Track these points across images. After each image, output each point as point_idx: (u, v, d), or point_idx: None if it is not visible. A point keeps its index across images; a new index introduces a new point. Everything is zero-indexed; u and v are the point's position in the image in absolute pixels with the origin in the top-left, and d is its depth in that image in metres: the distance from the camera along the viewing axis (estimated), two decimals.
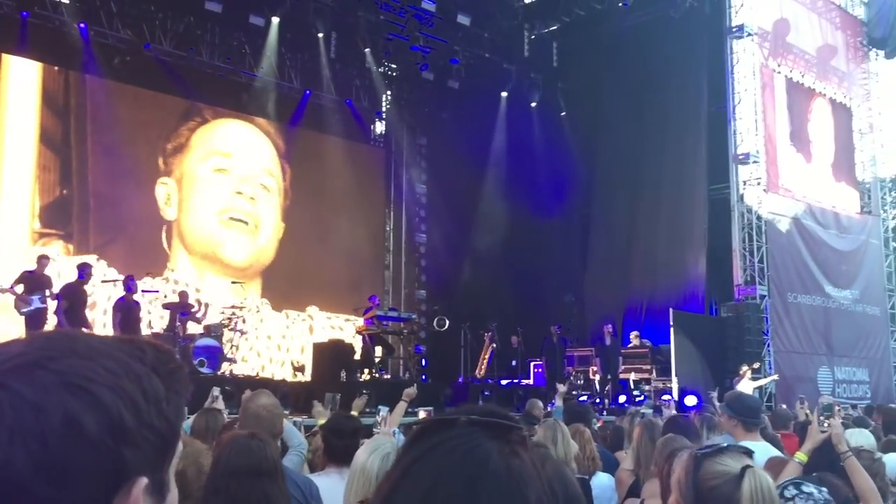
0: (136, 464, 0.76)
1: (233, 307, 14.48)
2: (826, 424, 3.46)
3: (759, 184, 16.60)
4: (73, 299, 11.37)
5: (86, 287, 11.75)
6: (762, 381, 14.64)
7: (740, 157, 16.53)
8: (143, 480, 0.77)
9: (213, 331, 13.55)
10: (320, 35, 16.14)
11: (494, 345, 16.54)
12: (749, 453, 1.93)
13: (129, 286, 12.04)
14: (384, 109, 20.30)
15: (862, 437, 4.56)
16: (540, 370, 16.03)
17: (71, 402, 0.73)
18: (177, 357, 0.88)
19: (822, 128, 19.12)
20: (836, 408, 3.90)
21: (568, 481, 2.15)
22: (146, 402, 0.77)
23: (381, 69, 18.81)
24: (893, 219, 20.56)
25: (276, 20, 15.82)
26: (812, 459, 3.99)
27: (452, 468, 0.90)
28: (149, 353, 0.82)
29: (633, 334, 16.02)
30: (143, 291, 14.00)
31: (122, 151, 15.42)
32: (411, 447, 0.95)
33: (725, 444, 1.96)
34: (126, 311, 11.84)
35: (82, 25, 14.82)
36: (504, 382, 16.08)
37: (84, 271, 11.63)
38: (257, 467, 2.65)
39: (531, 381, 16.34)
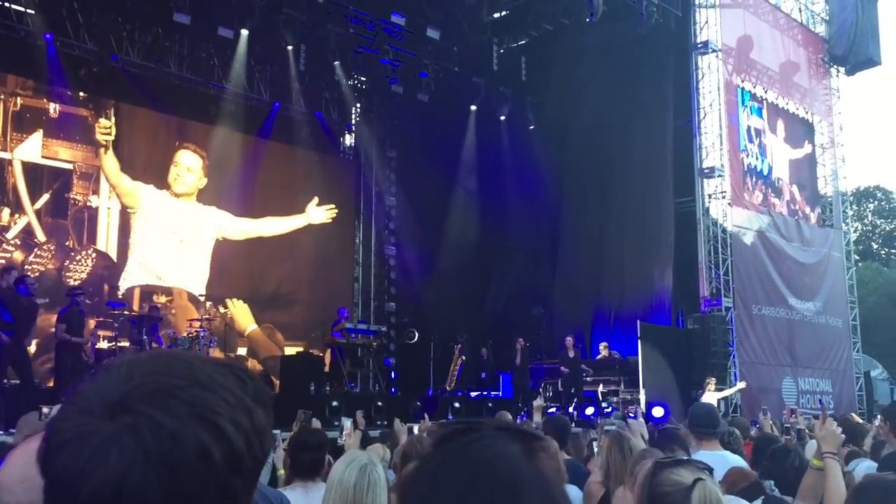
0: (240, 489, 0.81)
1: (199, 320, 14.36)
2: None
3: (723, 197, 16.88)
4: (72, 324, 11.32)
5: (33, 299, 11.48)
6: (727, 392, 14.82)
7: (705, 170, 16.80)
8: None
9: (180, 344, 13.45)
10: (290, 48, 16.12)
11: (464, 357, 16.58)
12: (709, 469, 2.03)
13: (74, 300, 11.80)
14: (353, 122, 20.33)
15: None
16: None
17: (203, 435, 0.78)
18: (267, 387, 0.92)
19: (784, 142, 19.48)
20: (799, 417, 3.97)
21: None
22: (256, 435, 0.83)
23: (350, 82, 18.84)
24: (855, 231, 21.00)
25: (245, 32, 15.78)
26: (765, 466, 4.08)
27: (489, 468, 0.92)
28: (250, 385, 0.87)
29: (602, 345, 16.17)
30: (108, 304, 13.91)
31: None
32: (439, 449, 0.97)
33: (686, 458, 2.05)
34: (70, 321, 11.63)
35: (48, 36, 14.66)
36: (473, 395, 16.12)
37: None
38: None
39: (500, 394, 16.41)
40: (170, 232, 16.48)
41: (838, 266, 20.17)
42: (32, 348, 12.90)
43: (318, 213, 18.51)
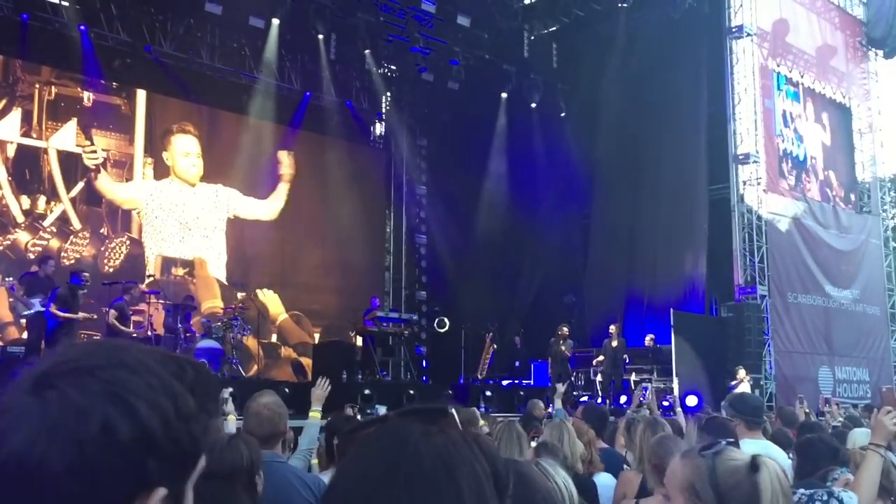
0: (157, 475, 0.81)
1: (233, 307, 14.48)
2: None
3: (758, 184, 16.62)
4: (69, 304, 11.17)
5: (81, 292, 11.52)
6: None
7: (740, 157, 16.55)
8: (162, 490, 0.81)
9: (214, 332, 13.58)
10: (320, 37, 16.14)
11: (495, 345, 16.56)
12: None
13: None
14: (384, 111, 20.32)
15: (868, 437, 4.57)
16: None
17: (110, 410, 0.79)
18: (213, 378, 0.93)
19: (821, 127, 19.15)
20: (836, 407, 3.90)
21: (509, 461, 2.12)
22: (177, 419, 0.83)
23: (380, 70, 18.82)
24: (893, 218, 20.62)
25: (276, 22, 15.83)
26: (801, 463, 3.99)
27: (375, 456, 0.93)
28: (189, 374, 0.87)
29: (648, 337, 15.85)
30: (144, 293, 14.06)
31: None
32: (345, 449, 0.99)
33: (723, 443, 1.94)
34: (121, 312, 11.70)
35: (82, 28, 14.82)
36: (505, 383, 16.10)
37: (79, 277, 11.45)
38: (216, 470, 2.64)
39: (532, 382, 16.37)
40: (188, 219, 16.55)
41: (876, 253, 19.81)
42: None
43: None
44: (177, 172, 16.61)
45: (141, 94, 16.21)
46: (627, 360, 15.64)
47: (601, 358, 15.30)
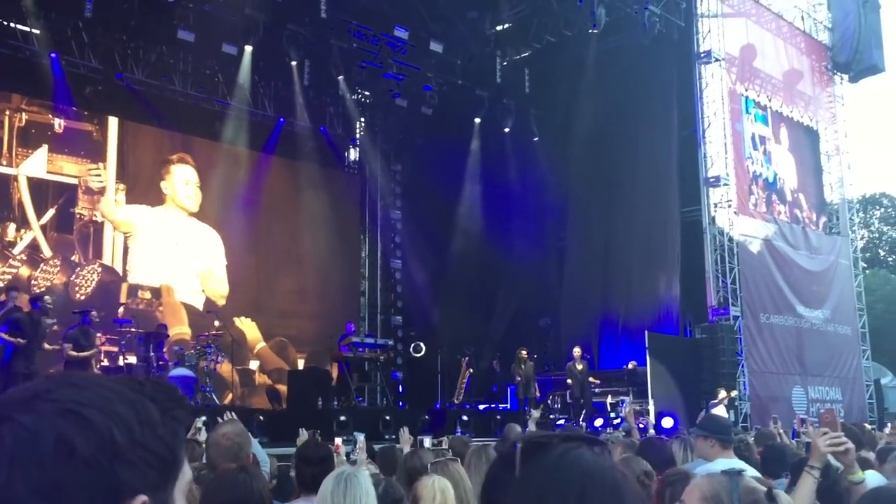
0: (133, 483, 0.79)
1: (206, 335, 14.34)
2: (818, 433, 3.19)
3: (729, 206, 16.83)
4: (27, 331, 10.92)
5: (48, 319, 11.31)
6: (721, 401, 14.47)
7: (711, 179, 16.77)
8: (142, 498, 0.80)
9: (187, 360, 13.44)
10: (294, 63, 16.17)
11: (471, 370, 16.53)
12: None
13: (85, 318, 11.72)
14: (358, 136, 20.37)
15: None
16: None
17: (63, 425, 0.78)
18: (178, 389, 0.91)
19: (789, 150, 19.45)
20: (811, 427, 3.91)
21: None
22: (139, 423, 0.81)
23: (354, 96, 18.89)
24: (862, 239, 20.92)
25: (249, 49, 15.81)
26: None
27: (593, 476, 1.03)
28: (147, 386, 0.87)
29: (631, 364, 15.82)
30: (115, 321, 13.90)
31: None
32: (527, 465, 1.05)
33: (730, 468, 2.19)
34: (74, 342, 11.50)
35: (53, 55, 14.75)
36: (482, 407, 16.05)
37: (38, 302, 11.25)
38: (242, 502, 2.63)
39: (508, 406, 16.34)
40: (171, 246, 16.50)
41: (846, 273, 20.08)
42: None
43: None
44: (176, 201, 16.68)
45: (113, 121, 16.13)
46: (597, 383, 15.67)
47: (570, 382, 15.24)
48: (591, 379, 15.48)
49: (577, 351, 15.34)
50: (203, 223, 17.03)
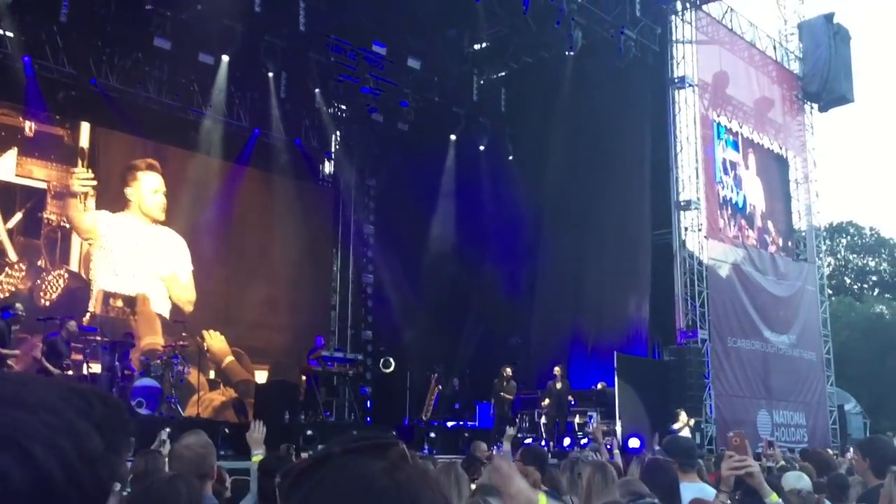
0: None
1: (173, 345, 14.17)
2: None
3: (700, 230, 17.02)
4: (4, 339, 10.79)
5: (14, 327, 11.14)
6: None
7: (682, 203, 16.95)
8: None
9: (153, 371, 13.25)
10: (270, 75, 16.14)
11: (440, 387, 16.49)
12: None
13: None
14: (333, 150, 20.35)
15: (801, 482, 4.70)
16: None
17: (3, 458, 0.73)
18: (125, 412, 0.87)
19: (758, 176, 19.73)
20: (777, 450, 3.95)
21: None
22: (80, 461, 0.78)
23: (330, 110, 18.88)
24: (828, 266, 21.23)
25: (225, 58, 15.77)
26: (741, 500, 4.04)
27: (340, 499, 0.88)
28: (97, 409, 0.82)
29: (600, 384, 15.87)
30: (80, 329, 13.68)
31: None
32: (291, 494, 0.91)
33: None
34: (52, 347, 11.37)
35: (26, 59, 14.59)
36: (450, 424, 16.01)
37: (8, 311, 11.05)
38: None
39: (476, 423, 16.31)
40: (134, 251, 16.31)
41: (812, 300, 20.36)
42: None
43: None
44: (142, 208, 16.48)
45: (85, 126, 15.97)
46: (573, 402, 15.69)
47: (547, 401, 15.28)
48: (570, 398, 15.49)
49: (557, 370, 15.32)
50: (168, 229, 16.80)
